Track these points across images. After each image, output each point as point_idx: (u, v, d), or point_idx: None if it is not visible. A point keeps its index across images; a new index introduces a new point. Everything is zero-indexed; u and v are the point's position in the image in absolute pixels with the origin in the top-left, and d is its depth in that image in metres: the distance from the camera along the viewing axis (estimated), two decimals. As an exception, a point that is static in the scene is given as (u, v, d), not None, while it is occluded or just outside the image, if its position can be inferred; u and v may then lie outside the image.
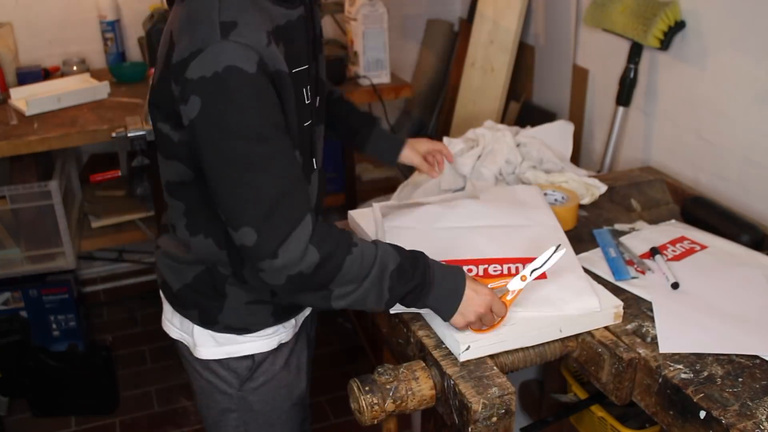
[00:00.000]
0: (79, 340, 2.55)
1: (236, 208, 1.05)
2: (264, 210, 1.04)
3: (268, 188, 1.04)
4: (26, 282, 2.44)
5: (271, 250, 1.04)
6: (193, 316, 1.26)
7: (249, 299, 1.24)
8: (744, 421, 1.03)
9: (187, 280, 1.24)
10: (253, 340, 1.28)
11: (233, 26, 1.02)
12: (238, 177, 1.03)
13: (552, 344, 1.22)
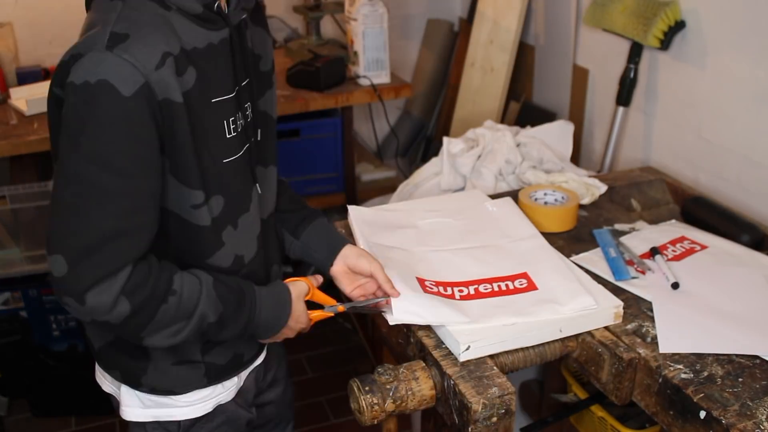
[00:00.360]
0: (79, 340, 2.54)
1: (58, 231, 0.94)
2: (84, 246, 0.93)
3: (98, 225, 0.93)
4: (26, 282, 2.44)
5: (78, 293, 0.94)
6: (116, 377, 1.18)
7: (175, 360, 1.13)
8: (744, 421, 1.03)
9: (108, 337, 1.14)
10: (183, 405, 1.17)
11: (123, 39, 0.92)
12: (72, 201, 0.93)
13: (552, 344, 1.22)
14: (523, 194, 1.59)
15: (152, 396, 1.17)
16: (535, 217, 1.54)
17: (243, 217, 1.12)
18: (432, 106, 3.12)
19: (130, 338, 1.04)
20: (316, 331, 1.44)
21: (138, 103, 0.92)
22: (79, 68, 0.92)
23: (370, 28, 2.39)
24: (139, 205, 0.96)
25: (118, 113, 0.92)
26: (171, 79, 0.95)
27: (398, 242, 1.40)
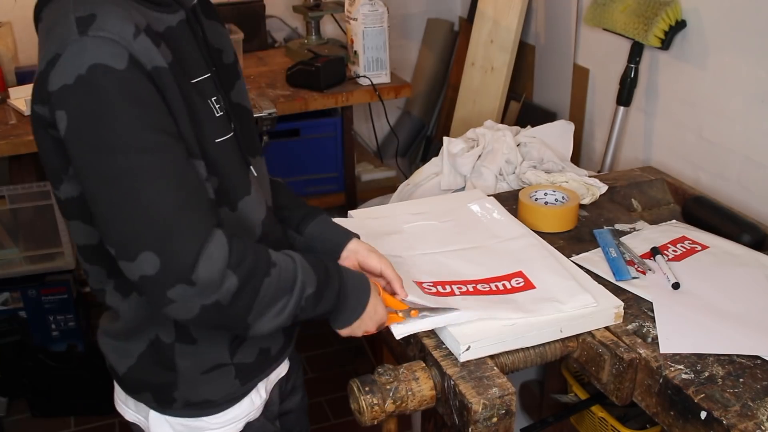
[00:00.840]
0: (79, 341, 2.54)
1: (128, 233, 0.89)
2: (166, 228, 0.88)
3: (164, 201, 0.89)
4: (25, 282, 2.44)
5: (184, 273, 0.88)
6: (148, 400, 1.11)
7: (204, 368, 1.09)
8: (745, 421, 1.03)
9: (131, 360, 1.09)
10: (215, 427, 1.13)
11: (91, 20, 0.86)
12: (124, 196, 0.88)
13: (552, 344, 1.22)
14: (523, 194, 1.59)
15: (183, 420, 1.12)
16: (535, 217, 1.54)
17: (244, 200, 1.08)
18: (432, 106, 3.12)
19: (237, 327, 0.97)
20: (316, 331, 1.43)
21: (134, 73, 0.88)
22: (62, 68, 0.86)
23: (370, 28, 2.39)
24: (184, 171, 0.92)
25: (122, 89, 0.87)
26: (151, 48, 0.90)
27: (386, 249, 1.36)
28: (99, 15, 0.87)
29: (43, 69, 0.88)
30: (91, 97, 0.86)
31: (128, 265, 0.90)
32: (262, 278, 0.95)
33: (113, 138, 0.87)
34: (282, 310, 0.98)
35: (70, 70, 0.85)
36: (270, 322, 0.98)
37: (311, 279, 1.01)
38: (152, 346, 1.07)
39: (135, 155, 0.87)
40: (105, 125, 0.86)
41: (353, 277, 1.10)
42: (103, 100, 0.86)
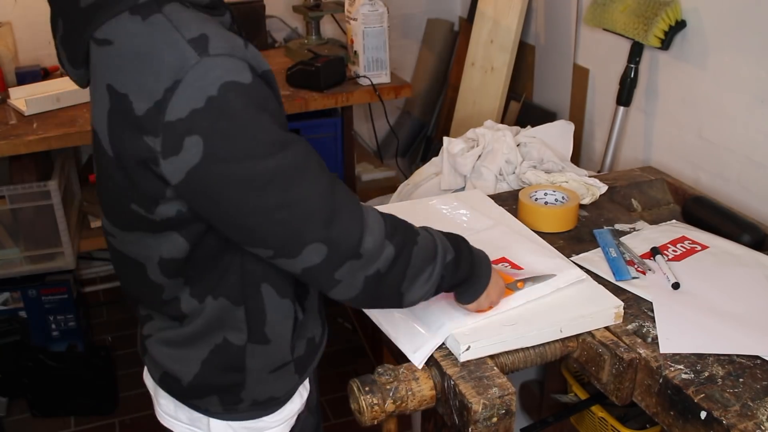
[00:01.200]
0: (79, 341, 2.54)
1: (288, 233, 0.91)
2: (325, 216, 0.91)
3: (318, 190, 0.91)
4: (25, 282, 2.44)
5: (352, 250, 0.93)
6: (213, 404, 1.10)
7: (273, 367, 1.11)
8: (745, 421, 1.03)
9: (196, 366, 1.08)
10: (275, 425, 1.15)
11: (205, 40, 0.85)
12: (282, 197, 0.89)
13: (552, 345, 1.22)
14: (523, 194, 1.59)
15: (246, 423, 1.12)
16: (535, 217, 1.54)
17: None
18: (432, 106, 3.12)
19: (392, 298, 1.01)
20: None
21: (257, 81, 0.88)
22: (187, 93, 0.84)
23: (370, 28, 2.39)
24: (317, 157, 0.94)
25: (252, 100, 0.87)
26: (256, 52, 0.91)
27: None
28: (209, 34, 0.86)
29: (159, 99, 0.84)
30: (227, 114, 0.85)
31: (289, 261, 0.93)
32: (412, 247, 0.99)
33: (255, 146, 0.87)
34: (429, 277, 1.02)
35: (197, 93, 0.84)
36: (420, 289, 1.02)
37: (449, 247, 1.05)
38: (219, 349, 1.07)
39: (280, 155, 0.88)
40: (245, 137, 0.86)
41: (479, 250, 1.14)
42: (239, 115, 0.86)
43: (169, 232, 0.97)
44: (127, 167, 0.92)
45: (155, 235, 0.98)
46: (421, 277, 1.01)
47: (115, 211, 1.01)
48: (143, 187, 0.92)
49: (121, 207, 0.97)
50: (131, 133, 0.88)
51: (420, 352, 1.17)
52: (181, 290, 1.04)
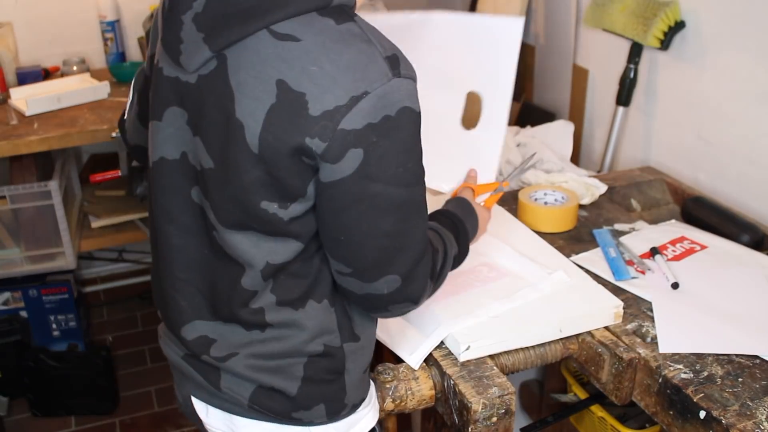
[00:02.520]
0: (79, 340, 2.54)
1: (383, 259, 0.94)
2: (416, 256, 0.97)
3: (422, 231, 0.97)
4: (26, 282, 2.44)
5: (415, 295, 0.99)
6: (319, 414, 1.04)
7: (364, 367, 1.07)
8: (744, 421, 1.03)
9: (299, 373, 1.02)
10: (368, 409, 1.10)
11: (397, 60, 0.87)
12: (395, 226, 0.93)
13: (553, 346, 1.22)
14: (522, 194, 1.59)
15: (347, 419, 1.07)
16: (534, 217, 1.54)
17: None
18: (432, 106, 3.12)
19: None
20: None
21: (420, 113, 0.91)
22: (370, 106, 0.85)
23: (370, 28, 2.39)
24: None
25: (417, 131, 0.91)
26: None
27: None
28: (398, 56, 0.88)
29: (340, 105, 0.84)
30: (394, 137, 0.88)
31: (359, 283, 0.96)
32: (437, 270, 1.05)
33: (402, 173, 0.90)
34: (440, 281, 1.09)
35: (379, 110, 0.85)
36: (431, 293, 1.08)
37: (452, 242, 1.12)
38: (319, 356, 1.02)
39: (414, 188, 0.93)
40: (398, 162, 0.89)
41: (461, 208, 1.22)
42: (403, 140, 0.89)
43: (284, 238, 0.96)
44: (272, 162, 0.89)
45: (269, 237, 0.95)
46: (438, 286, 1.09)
47: (232, 208, 0.94)
48: (287, 181, 0.90)
49: (244, 204, 0.93)
50: (295, 131, 0.86)
51: (416, 353, 1.17)
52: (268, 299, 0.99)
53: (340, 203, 0.90)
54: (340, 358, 1.03)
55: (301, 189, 0.91)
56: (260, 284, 0.98)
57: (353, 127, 0.85)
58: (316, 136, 0.85)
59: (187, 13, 0.91)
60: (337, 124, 0.84)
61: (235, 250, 0.96)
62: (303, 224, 0.95)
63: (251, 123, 0.87)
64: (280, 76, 0.85)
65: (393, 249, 0.94)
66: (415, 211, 0.95)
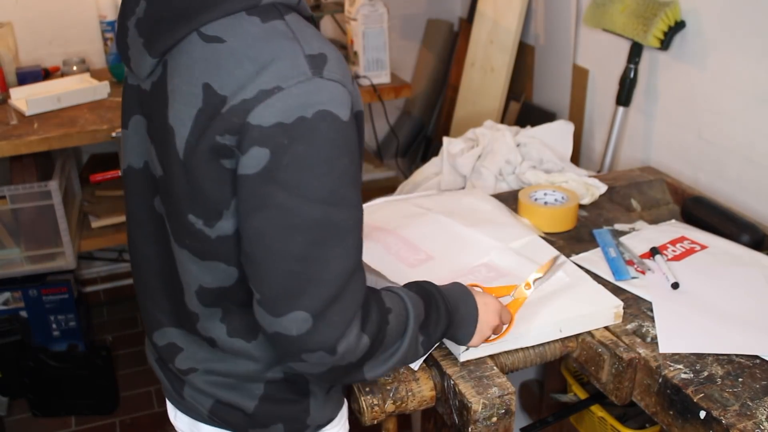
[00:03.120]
0: (79, 340, 2.54)
1: (291, 288, 0.83)
2: (331, 293, 0.83)
3: (342, 265, 0.84)
4: (26, 282, 2.44)
5: (330, 345, 0.84)
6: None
7: (328, 387, 1.05)
8: (744, 421, 1.03)
9: (259, 391, 1.00)
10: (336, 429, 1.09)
11: (324, 60, 0.81)
12: (306, 250, 0.82)
13: (552, 344, 1.22)
14: (523, 194, 1.59)
15: None
16: (535, 217, 1.54)
17: None
18: (432, 106, 3.12)
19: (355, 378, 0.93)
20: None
21: (352, 123, 0.83)
22: (282, 105, 0.79)
23: (370, 28, 2.39)
24: (361, 235, 0.87)
25: (342, 142, 0.81)
26: (357, 90, 0.86)
27: None
28: (329, 56, 0.82)
29: (249, 98, 0.79)
30: (309, 143, 0.79)
31: (268, 317, 0.85)
32: (385, 328, 0.91)
33: (314, 188, 0.81)
34: (397, 350, 0.94)
35: (293, 109, 0.79)
36: (385, 364, 0.94)
37: (420, 310, 0.97)
38: (282, 380, 1.00)
39: (327, 209, 0.82)
40: (311, 174, 0.80)
41: (451, 288, 1.06)
42: (320, 150, 0.80)
43: (212, 261, 0.91)
44: (193, 169, 0.85)
45: (197, 258, 0.91)
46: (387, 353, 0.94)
47: (173, 220, 0.92)
48: (209, 191, 0.85)
49: (178, 217, 0.90)
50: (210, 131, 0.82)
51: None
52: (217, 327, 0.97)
53: (246, 205, 0.83)
54: (302, 382, 1.00)
55: (222, 200, 0.85)
56: (200, 308, 0.95)
57: (259, 123, 0.79)
58: (227, 132, 0.81)
59: (131, 19, 0.90)
60: (245, 118, 0.80)
61: (179, 266, 0.95)
62: (232, 246, 0.89)
63: (180, 129, 0.85)
64: (206, 80, 0.83)
65: (303, 277, 0.83)
66: (333, 236, 0.83)
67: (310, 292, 0.83)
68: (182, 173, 0.86)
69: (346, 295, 0.85)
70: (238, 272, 0.91)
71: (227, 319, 0.96)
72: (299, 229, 0.82)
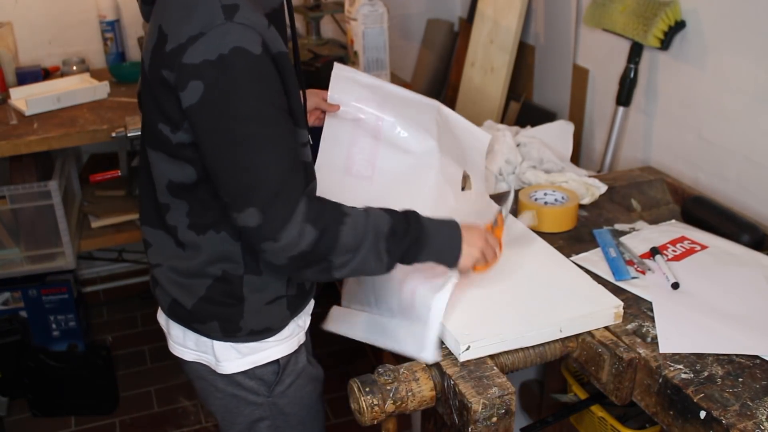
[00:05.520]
0: (79, 340, 2.54)
1: (242, 190, 1.05)
2: (271, 191, 1.04)
3: (274, 169, 1.04)
4: (26, 282, 2.44)
5: (273, 233, 1.04)
6: (214, 329, 1.22)
7: (268, 299, 1.22)
8: (744, 421, 1.03)
9: (200, 293, 1.21)
10: (276, 344, 1.26)
11: (236, 8, 1.01)
12: (244, 159, 1.03)
13: (552, 344, 1.22)
14: (523, 194, 1.59)
15: (249, 342, 1.23)
16: (535, 217, 1.54)
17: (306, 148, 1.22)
18: (432, 106, 3.12)
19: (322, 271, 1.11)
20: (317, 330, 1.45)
21: (264, 57, 1.03)
22: (206, 46, 1.00)
23: (370, 28, 2.39)
24: (292, 143, 1.09)
25: (256, 71, 1.02)
26: (277, 37, 1.06)
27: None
28: (241, 5, 1.02)
29: (183, 42, 1.01)
30: (229, 74, 1.00)
31: (237, 215, 1.06)
32: (338, 227, 1.08)
33: (242, 109, 1.02)
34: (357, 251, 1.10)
35: (213, 48, 1.00)
36: (347, 265, 1.11)
37: (384, 220, 1.13)
38: (221, 280, 1.19)
39: (256, 125, 1.03)
40: (237, 98, 1.01)
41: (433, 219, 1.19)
42: (238, 78, 1.00)
43: (182, 162, 1.11)
44: (155, 89, 1.08)
45: (169, 157, 1.12)
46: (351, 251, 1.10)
47: (147, 129, 1.15)
48: (167, 107, 1.07)
49: (151, 126, 1.12)
50: (160, 64, 1.05)
51: (426, 348, 1.16)
52: (182, 220, 1.17)
53: (194, 130, 1.05)
54: (237, 285, 1.19)
55: (178, 119, 1.07)
56: (170, 199, 1.16)
57: (191, 61, 1.01)
58: (168, 68, 1.04)
59: None
60: (180, 58, 1.01)
61: (152, 167, 1.17)
62: (191, 152, 1.10)
63: (147, 59, 1.10)
64: (160, 22, 1.06)
65: (249, 181, 1.04)
66: (266, 146, 1.03)
67: (257, 191, 1.04)
68: (150, 93, 1.10)
69: (286, 191, 1.05)
70: (196, 174, 1.12)
71: (191, 214, 1.16)
72: (239, 144, 1.03)
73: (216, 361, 1.25)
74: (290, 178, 1.06)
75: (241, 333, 1.22)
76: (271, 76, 1.04)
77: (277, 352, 1.26)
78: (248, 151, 1.03)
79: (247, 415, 1.30)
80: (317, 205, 1.09)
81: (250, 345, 1.24)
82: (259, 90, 1.02)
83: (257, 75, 1.02)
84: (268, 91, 1.04)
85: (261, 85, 1.03)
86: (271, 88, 1.04)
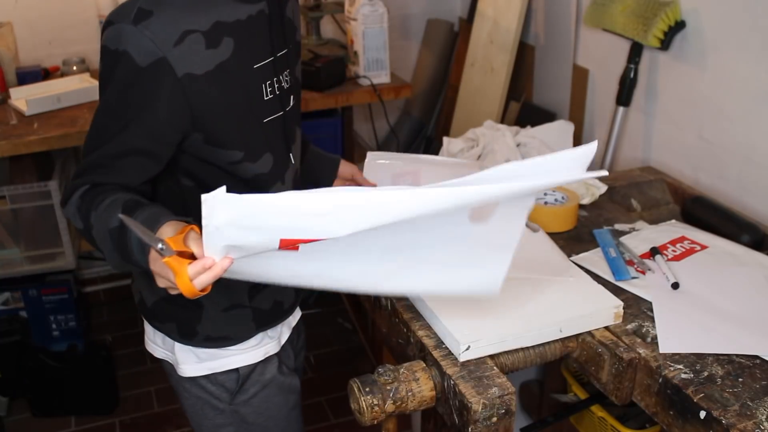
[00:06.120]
0: (79, 340, 2.55)
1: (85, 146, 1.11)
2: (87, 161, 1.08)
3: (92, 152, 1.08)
4: (26, 282, 2.44)
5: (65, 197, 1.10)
6: (172, 330, 1.24)
7: (226, 305, 1.22)
8: (744, 421, 1.03)
9: (161, 292, 1.09)
10: (237, 353, 1.26)
11: (148, 15, 1.02)
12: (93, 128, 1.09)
13: (552, 344, 1.22)
14: (523, 194, 1.59)
15: (207, 348, 1.24)
16: (535, 217, 1.54)
17: (287, 172, 1.23)
18: (432, 106, 3.12)
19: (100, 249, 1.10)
20: (316, 331, 1.45)
21: (151, 75, 1.02)
22: (108, 34, 1.03)
23: (370, 28, 2.39)
24: (121, 152, 1.07)
25: (129, 81, 1.03)
26: (194, 55, 1.04)
27: None
28: (155, 14, 1.02)
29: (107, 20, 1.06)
30: (109, 67, 1.04)
31: None
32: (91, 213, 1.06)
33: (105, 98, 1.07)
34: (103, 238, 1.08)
35: (111, 40, 1.03)
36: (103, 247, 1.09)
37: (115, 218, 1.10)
38: None
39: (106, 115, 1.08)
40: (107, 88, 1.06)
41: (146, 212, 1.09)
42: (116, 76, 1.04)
43: None
44: None
45: None
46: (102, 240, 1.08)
47: None
48: None
49: None
50: None
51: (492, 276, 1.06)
52: None
53: None
54: None
55: None
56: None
57: (102, 42, 1.06)
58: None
59: None
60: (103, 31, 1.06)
61: None
62: None
63: None
64: None
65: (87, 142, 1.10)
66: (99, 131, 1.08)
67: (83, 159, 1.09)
68: None
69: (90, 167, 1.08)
70: None
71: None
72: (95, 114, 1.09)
73: (177, 362, 1.26)
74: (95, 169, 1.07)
75: (198, 338, 1.23)
76: (148, 92, 1.04)
77: (237, 361, 1.26)
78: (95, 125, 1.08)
79: (211, 418, 1.31)
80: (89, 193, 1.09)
81: (209, 351, 1.25)
82: (125, 95, 1.05)
83: (130, 84, 1.03)
84: (134, 100, 1.04)
85: (128, 93, 1.04)
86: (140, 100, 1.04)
